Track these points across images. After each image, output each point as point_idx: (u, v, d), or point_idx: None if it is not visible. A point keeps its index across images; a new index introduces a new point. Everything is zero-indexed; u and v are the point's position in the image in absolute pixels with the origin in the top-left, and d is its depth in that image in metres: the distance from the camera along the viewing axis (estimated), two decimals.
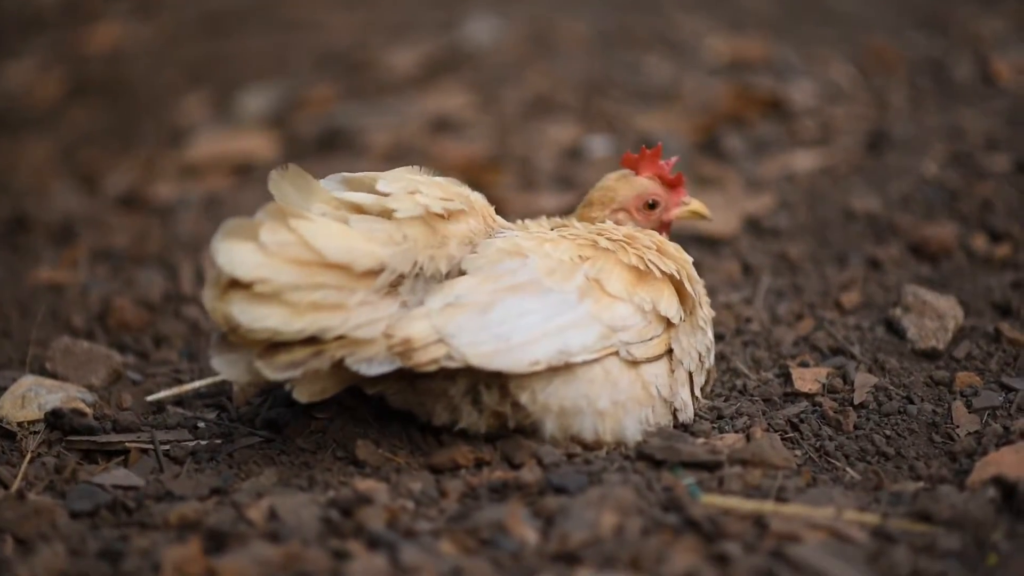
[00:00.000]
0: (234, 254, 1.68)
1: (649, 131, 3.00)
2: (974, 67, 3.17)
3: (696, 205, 2.03)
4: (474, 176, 2.66)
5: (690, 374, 1.90)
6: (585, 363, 1.79)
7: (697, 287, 1.93)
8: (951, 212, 2.50)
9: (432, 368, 1.72)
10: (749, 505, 1.70)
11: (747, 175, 2.78)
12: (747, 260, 2.44)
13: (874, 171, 2.70)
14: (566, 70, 3.35)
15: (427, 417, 1.85)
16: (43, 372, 2.13)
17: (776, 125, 3.01)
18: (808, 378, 2.04)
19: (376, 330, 1.72)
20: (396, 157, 3.00)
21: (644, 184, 2.00)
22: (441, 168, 2.87)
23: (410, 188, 1.81)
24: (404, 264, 1.75)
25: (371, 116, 3.22)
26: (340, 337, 1.71)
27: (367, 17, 3.95)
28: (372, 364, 1.71)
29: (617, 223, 1.97)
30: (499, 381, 1.79)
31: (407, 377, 1.78)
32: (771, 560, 1.58)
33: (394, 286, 1.76)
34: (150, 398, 2.06)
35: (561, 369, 1.78)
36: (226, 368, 1.75)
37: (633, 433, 1.84)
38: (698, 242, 2.52)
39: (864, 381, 2.02)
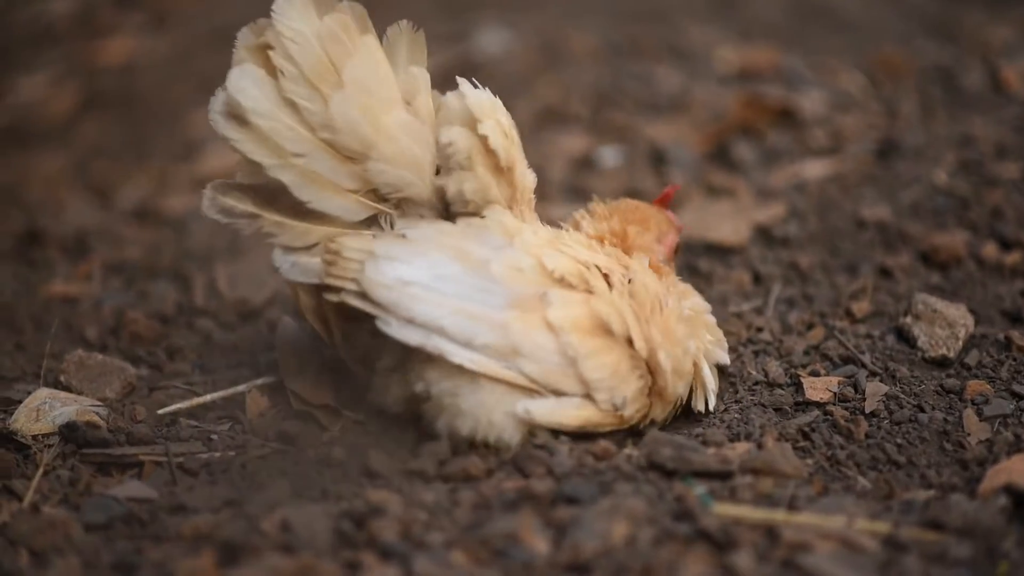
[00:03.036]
0: None
1: (659, 141, 3.01)
2: (983, 75, 3.17)
3: None
4: None
5: None
6: None
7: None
8: (961, 220, 2.49)
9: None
10: (760, 514, 1.70)
11: (757, 184, 2.78)
12: (757, 269, 2.44)
13: (884, 180, 2.70)
14: (576, 81, 3.36)
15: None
16: (57, 385, 2.13)
17: (786, 134, 3.01)
18: (819, 387, 2.04)
19: None
20: None
21: None
22: None
23: None
24: None
25: None
26: None
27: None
28: None
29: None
30: None
31: None
32: (782, 570, 1.58)
33: None
34: (163, 411, 2.07)
35: None
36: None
37: None
38: (708, 251, 2.52)
39: (875, 390, 2.02)
